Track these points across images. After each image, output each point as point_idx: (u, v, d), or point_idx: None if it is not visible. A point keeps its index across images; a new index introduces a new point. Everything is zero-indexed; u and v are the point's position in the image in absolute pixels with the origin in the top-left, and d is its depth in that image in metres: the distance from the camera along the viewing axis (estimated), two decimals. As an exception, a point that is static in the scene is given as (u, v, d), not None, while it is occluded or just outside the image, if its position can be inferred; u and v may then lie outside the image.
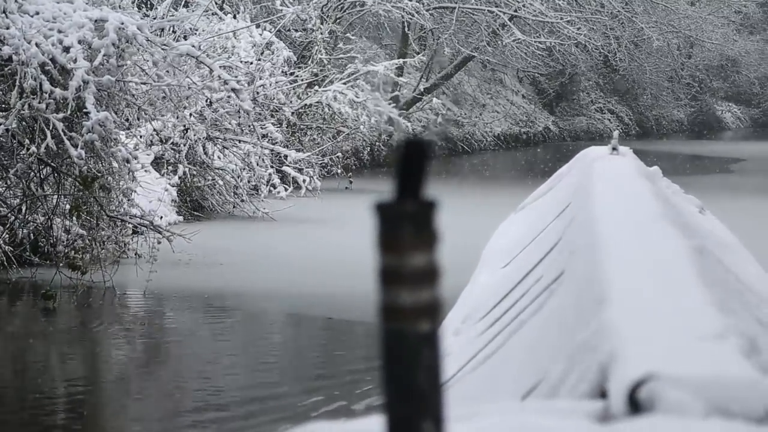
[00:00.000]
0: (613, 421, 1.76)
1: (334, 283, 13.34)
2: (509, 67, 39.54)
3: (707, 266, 3.49)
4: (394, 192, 1.32)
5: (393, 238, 1.32)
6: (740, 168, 33.78)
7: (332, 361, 10.37)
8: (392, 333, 1.34)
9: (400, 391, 1.33)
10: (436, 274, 1.34)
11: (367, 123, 23.20)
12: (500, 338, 4.10)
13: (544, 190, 8.59)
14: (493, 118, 39.42)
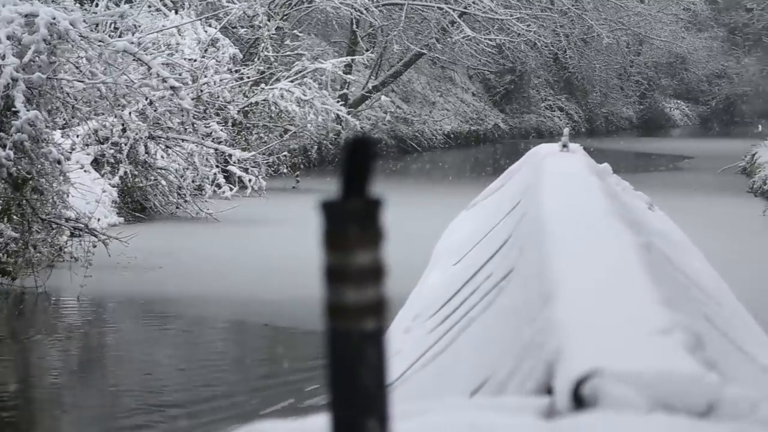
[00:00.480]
0: (558, 417, 1.77)
1: (278, 287, 12.91)
2: (459, 65, 39.45)
3: (655, 262, 3.52)
4: (340, 190, 1.32)
5: (338, 236, 1.32)
6: (688, 165, 33.79)
7: (275, 370, 9.88)
8: (337, 332, 1.33)
9: (345, 390, 1.33)
10: (382, 273, 1.34)
11: (314, 121, 22.97)
12: (450, 335, 4.12)
13: (495, 187, 8.63)
14: (442, 115, 39.38)
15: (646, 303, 2.49)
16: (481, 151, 38.45)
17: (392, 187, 20.87)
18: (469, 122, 41.24)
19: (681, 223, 7.42)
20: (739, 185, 25.94)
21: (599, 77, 49.04)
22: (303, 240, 15.36)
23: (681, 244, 6.37)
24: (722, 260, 7.37)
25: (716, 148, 39.19)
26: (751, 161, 28.72)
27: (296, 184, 23.35)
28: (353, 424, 1.33)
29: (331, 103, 23.04)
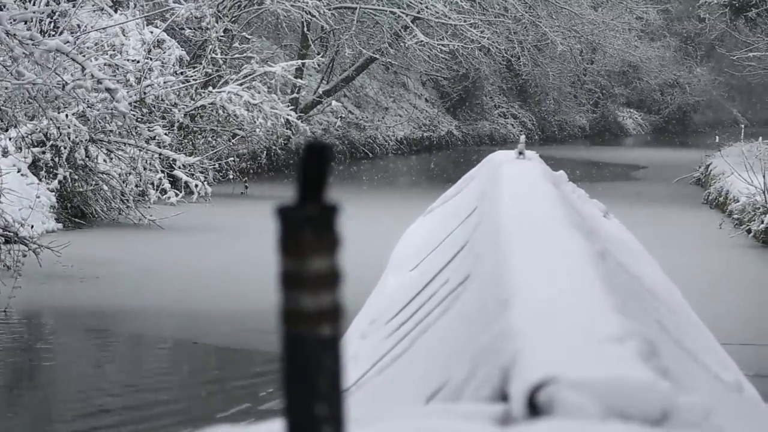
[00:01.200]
0: (513, 424, 1.78)
1: (222, 299, 12.30)
2: (412, 70, 39.15)
3: (609, 270, 3.54)
4: (296, 195, 1.32)
5: (294, 242, 1.32)
6: (643, 175, 33.65)
7: (213, 391, 9.30)
8: (293, 337, 1.33)
9: (301, 395, 1.33)
10: (338, 279, 1.34)
11: (263, 126, 22.46)
12: (406, 341, 4.12)
13: (452, 193, 8.66)
14: (395, 121, 39.07)
15: (600, 310, 2.50)
16: (434, 157, 38.02)
17: (346, 193, 20.59)
18: (422, 128, 41.04)
19: (637, 236, 7.44)
20: (694, 196, 25.74)
21: (553, 85, 48.83)
22: (248, 249, 15.06)
23: (636, 252, 6.41)
24: (682, 276, 7.33)
25: (669, 157, 39.03)
26: (705, 172, 28.61)
27: (244, 190, 22.87)
28: (309, 429, 1.32)
29: (281, 108, 22.60)
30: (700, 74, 60.72)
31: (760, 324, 12.25)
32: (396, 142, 38.16)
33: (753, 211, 19.01)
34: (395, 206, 20.35)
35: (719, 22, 40.52)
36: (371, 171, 32.10)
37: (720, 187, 24.20)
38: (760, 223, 18.26)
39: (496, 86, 47.58)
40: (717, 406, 2.26)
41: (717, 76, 61.10)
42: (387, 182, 29.25)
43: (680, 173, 29.51)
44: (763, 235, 18.18)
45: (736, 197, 20.87)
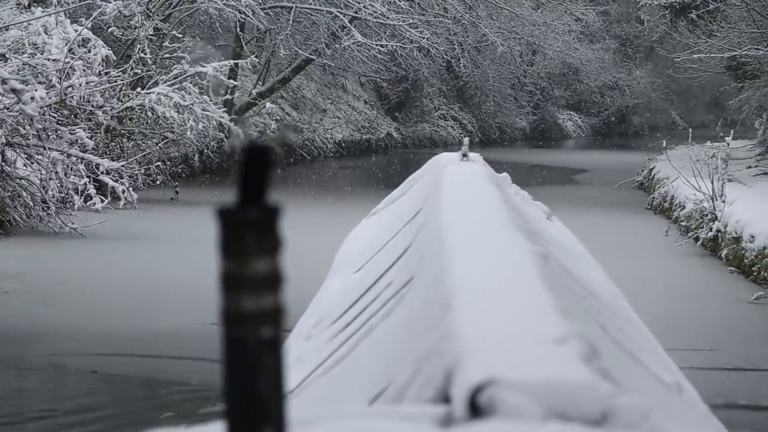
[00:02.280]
0: (455, 426, 1.78)
1: (144, 317, 11.28)
2: (350, 71, 38.39)
3: (552, 272, 3.57)
4: (237, 197, 1.31)
5: (236, 243, 1.31)
6: (585, 179, 33.13)
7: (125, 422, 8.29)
8: (234, 339, 1.33)
9: (242, 397, 1.33)
10: (280, 280, 1.34)
11: (194, 128, 21.55)
12: (350, 343, 4.12)
13: (396, 195, 8.67)
14: (334, 123, 38.51)
15: (542, 312, 2.52)
16: (373, 160, 37.34)
17: (285, 196, 20.16)
18: (361, 131, 40.49)
19: (578, 235, 7.44)
20: (638, 201, 25.35)
21: (493, 87, 48.61)
22: (176, 259, 14.48)
23: (578, 254, 6.46)
24: (629, 286, 7.16)
25: (610, 160, 38.77)
26: (648, 176, 28.32)
27: (175, 196, 21.99)
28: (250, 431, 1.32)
29: (213, 110, 21.75)
30: (639, 76, 61.04)
31: (712, 335, 11.73)
32: (334, 145, 37.56)
33: (701, 218, 18.47)
34: (336, 209, 20.04)
35: (660, 23, 40.77)
36: (310, 174, 31.48)
37: (664, 192, 23.70)
38: (709, 231, 17.67)
39: (436, 88, 47.21)
40: (656, 406, 2.28)
41: (656, 78, 61.52)
42: (326, 185, 28.62)
43: (622, 177, 29.21)
44: (711, 243, 17.61)
45: (682, 203, 20.33)
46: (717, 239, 17.28)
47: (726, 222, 16.95)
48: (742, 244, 15.66)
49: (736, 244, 15.95)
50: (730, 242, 16.30)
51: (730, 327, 12.16)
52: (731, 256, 16.08)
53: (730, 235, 16.40)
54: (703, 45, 27.57)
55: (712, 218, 17.79)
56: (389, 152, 41.02)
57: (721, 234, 17.10)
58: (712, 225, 17.56)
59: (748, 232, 15.49)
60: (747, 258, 15.24)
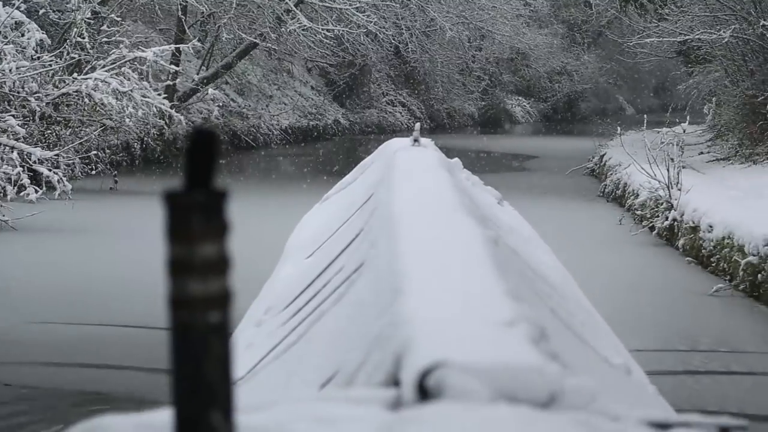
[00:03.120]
0: (403, 408, 1.79)
1: (73, 319, 10.28)
2: (296, 57, 37.59)
3: (502, 256, 3.59)
4: (184, 181, 1.31)
5: (182, 228, 1.31)
6: (535, 166, 32.41)
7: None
8: (181, 324, 1.32)
9: (189, 383, 1.32)
10: (227, 265, 1.33)
11: (133, 115, 20.71)
12: (301, 329, 4.12)
13: (348, 181, 8.68)
14: (280, 110, 37.59)
15: (492, 295, 2.53)
16: (321, 147, 36.34)
17: (233, 184, 19.64)
18: (308, 117, 39.58)
19: (530, 221, 7.34)
20: (590, 188, 24.87)
21: (441, 72, 47.95)
22: (111, 254, 13.82)
23: (529, 238, 6.50)
24: (584, 277, 6.81)
25: (560, 146, 38.25)
26: (599, 163, 27.81)
27: (114, 185, 21.05)
28: (197, 417, 1.32)
29: (153, 96, 20.91)
30: (588, 62, 60.92)
31: (672, 331, 11.14)
32: (281, 132, 36.61)
33: (656, 206, 17.80)
34: (284, 197, 19.47)
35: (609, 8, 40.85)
36: (256, 161, 30.61)
37: (617, 180, 23.08)
38: (665, 220, 17.01)
39: (384, 73, 46.29)
40: (604, 388, 2.30)
41: (604, 63, 61.61)
42: (274, 173, 27.75)
43: (573, 163, 28.63)
44: (667, 232, 16.96)
45: (636, 191, 19.73)
46: (673, 228, 16.75)
47: (682, 211, 16.41)
48: (699, 233, 15.11)
49: (694, 234, 15.42)
50: (687, 232, 15.78)
51: (690, 322, 11.64)
52: (688, 246, 15.53)
53: (687, 225, 15.88)
54: (653, 29, 27.56)
55: (667, 207, 17.22)
56: (337, 139, 40.19)
57: (677, 223, 16.57)
58: (668, 214, 17.00)
59: (706, 221, 14.94)
60: (705, 248, 14.69)
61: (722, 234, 14.19)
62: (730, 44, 23.41)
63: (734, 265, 13.28)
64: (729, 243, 13.81)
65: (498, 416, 1.63)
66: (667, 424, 1.91)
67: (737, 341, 10.91)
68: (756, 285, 12.67)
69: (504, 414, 1.64)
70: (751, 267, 12.79)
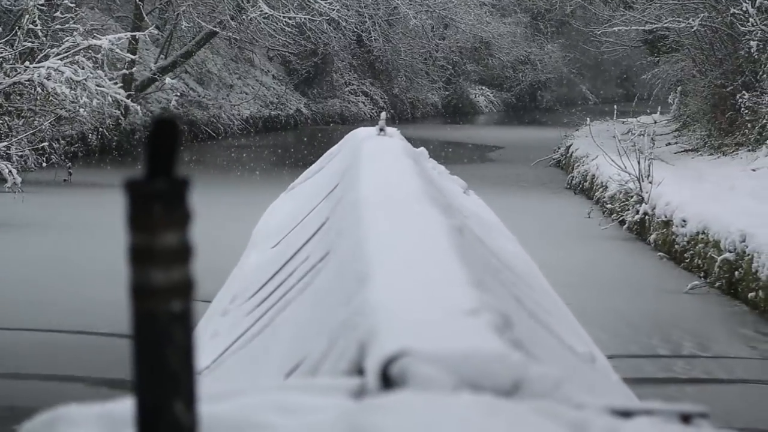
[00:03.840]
0: (367, 397, 1.79)
1: (13, 323, 9.78)
2: (257, 45, 36.65)
3: (467, 245, 3.60)
4: (145, 170, 1.30)
5: (144, 216, 1.30)
6: (500, 156, 31.70)
7: None
8: (143, 313, 1.32)
9: (152, 372, 1.32)
10: (189, 253, 1.33)
11: (88, 105, 19.84)
12: (266, 318, 4.12)
13: (314, 170, 8.67)
14: (241, 99, 36.70)
15: (456, 284, 2.54)
16: (283, 137, 35.58)
17: (195, 174, 19.00)
18: (270, 107, 38.67)
19: (496, 211, 7.24)
20: (556, 180, 24.23)
21: (404, 61, 47.14)
22: (61, 250, 13.24)
23: (494, 228, 6.52)
24: (553, 274, 6.54)
25: (525, 137, 37.71)
26: (565, 154, 27.31)
27: (68, 177, 20.27)
28: (159, 406, 1.31)
29: (108, 85, 20.18)
30: (551, 51, 60.71)
31: (644, 331, 10.62)
32: (242, 121, 35.72)
33: (626, 199, 17.09)
34: (248, 187, 19.29)
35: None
36: (217, 152, 29.75)
37: (584, 171, 22.44)
38: (635, 214, 16.35)
39: (347, 63, 45.32)
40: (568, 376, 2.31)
41: (567, 53, 61.47)
42: (236, 163, 26.87)
43: (538, 154, 28.07)
44: (637, 226, 16.32)
45: (605, 183, 19.14)
46: (644, 223, 16.16)
47: (654, 204, 15.85)
48: (672, 228, 14.50)
49: (666, 229, 14.82)
50: (659, 226, 15.18)
51: (668, 323, 11.03)
52: (660, 242, 14.95)
53: (659, 219, 15.28)
54: (620, 18, 27.44)
55: (638, 200, 16.53)
56: (299, 129, 38.72)
57: (648, 217, 15.98)
58: (639, 207, 16.34)
59: (679, 216, 14.34)
60: (678, 244, 14.14)
61: (696, 229, 13.69)
62: (699, 33, 23.14)
63: (709, 262, 12.82)
64: (704, 238, 13.35)
65: (461, 404, 1.63)
66: (630, 412, 1.92)
67: (719, 345, 10.37)
68: (732, 282, 12.21)
69: (467, 402, 1.65)
70: (727, 264, 12.32)
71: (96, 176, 21.01)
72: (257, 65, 40.03)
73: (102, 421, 1.71)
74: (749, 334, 10.69)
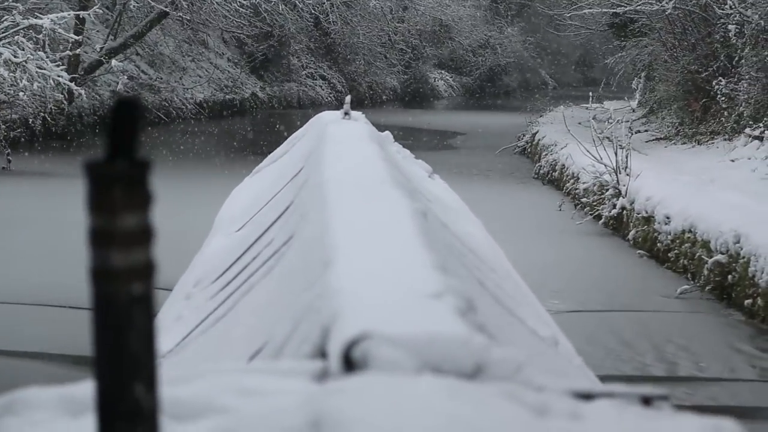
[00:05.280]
0: (329, 380, 1.79)
1: None
2: (211, 27, 35.23)
3: (431, 229, 3.60)
4: (106, 152, 1.29)
5: (104, 198, 1.29)
6: (463, 144, 30.43)
7: None
8: (104, 295, 1.31)
9: (112, 354, 1.31)
10: (150, 236, 1.32)
11: (28, 89, 19.02)
12: (230, 302, 4.11)
13: (279, 153, 8.66)
14: (194, 82, 35.36)
15: (419, 268, 2.54)
16: (238, 122, 34.29)
17: (152, 159, 18.50)
18: (224, 90, 37.48)
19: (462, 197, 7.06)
20: (522, 169, 23.28)
21: (363, 44, 45.98)
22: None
23: (459, 212, 6.53)
24: (528, 274, 6.10)
25: (487, 122, 36.41)
26: (531, 141, 26.20)
27: (7, 165, 19.17)
28: (120, 389, 1.31)
29: (50, 68, 19.25)
30: (511, 34, 60.27)
31: (649, 349, 9.42)
32: (195, 105, 34.25)
33: (601, 192, 16.10)
34: (205, 173, 18.77)
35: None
36: (170, 137, 28.24)
37: (553, 161, 21.30)
38: (612, 208, 15.35)
39: (304, 45, 44.06)
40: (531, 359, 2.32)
41: (527, 36, 61.12)
42: (192, 149, 25.64)
43: (502, 141, 27.08)
44: (614, 222, 15.29)
45: (576, 174, 18.11)
46: (621, 218, 15.13)
47: (632, 198, 14.82)
48: (654, 225, 13.48)
49: (647, 225, 13.81)
50: (639, 222, 14.18)
51: (659, 334, 9.87)
52: (640, 239, 13.95)
53: (639, 214, 14.25)
54: (587, 0, 27.06)
55: (615, 193, 15.50)
56: (255, 113, 37.54)
57: (627, 212, 14.96)
58: (616, 201, 15.31)
59: (662, 212, 13.31)
60: (661, 242, 13.12)
61: (682, 227, 12.62)
62: (671, 16, 22.09)
63: (698, 263, 11.76)
64: (690, 237, 12.29)
65: (423, 387, 1.64)
66: (591, 395, 1.93)
67: (722, 364, 9.13)
68: (725, 287, 11.08)
69: (429, 385, 1.65)
70: (719, 266, 11.22)
71: (39, 163, 19.88)
72: (211, 47, 38.90)
73: (63, 404, 1.70)
74: (751, 351, 9.52)
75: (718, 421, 1.74)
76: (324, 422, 1.50)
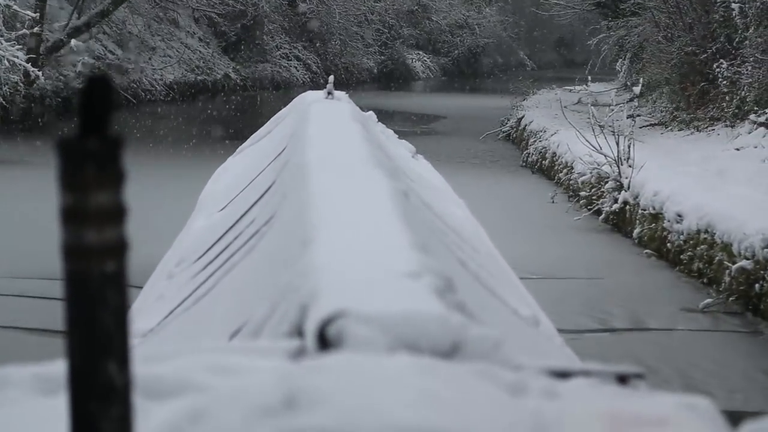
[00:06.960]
0: (305, 358, 1.80)
1: None
2: (182, 5, 34.62)
3: (412, 208, 3.60)
4: (78, 129, 1.29)
5: (76, 175, 1.29)
6: (444, 128, 29.39)
7: None
8: (76, 274, 1.31)
9: (85, 333, 1.31)
10: (123, 213, 1.32)
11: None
12: (212, 281, 4.10)
13: (262, 133, 8.65)
14: (164, 63, 34.35)
15: (399, 247, 2.54)
16: (210, 104, 32.99)
17: (131, 144, 17.89)
18: (196, 71, 36.44)
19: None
20: (509, 156, 22.20)
21: (339, 24, 45.17)
22: None
23: (442, 192, 6.54)
24: (532, 284, 5.81)
25: (468, 105, 35.39)
26: (517, 127, 24.87)
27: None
28: (92, 368, 1.30)
29: (5, 48, 18.64)
30: (490, 14, 59.55)
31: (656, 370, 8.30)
32: (165, 87, 33.30)
33: (599, 184, 15.03)
34: (181, 156, 18.52)
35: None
36: (139, 119, 27.38)
37: (542, 148, 20.20)
38: (613, 203, 14.27)
39: (278, 25, 43.03)
40: (510, 338, 2.33)
41: (506, 16, 60.60)
42: (161, 132, 24.82)
43: (485, 125, 26.00)
44: (614, 217, 14.25)
45: (570, 163, 17.12)
46: (624, 213, 14.06)
47: (636, 193, 13.74)
48: (663, 223, 12.41)
49: (655, 223, 12.75)
50: (645, 220, 13.11)
51: (686, 360, 8.70)
52: (647, 238, 12.92)
53: (645, 211, 13.17)
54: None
55: (616, 187, 14.43)
56: (227, 94, 36.33)
57: (630, 207, 13.87)
58: (618, 195, 14.22)
59: (673, 209, 12.21)
60: (672, 242, 12.07)
61: (697, 227, 11.52)
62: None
63: (717, 268, 10.71)
64: (707, 239, 11.22)
65: (397, 365, 1.64)
66: (567, 373, 1.94)
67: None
68: (751, 297, 9.92)
69: (403, 363, 1.66)
70: (744, 274, 10.04)
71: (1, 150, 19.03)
72: (182, 27, 37.68)
73: (38, 382, 1.70)
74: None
75: (693, 399, 1.75)
76: (298, 400, 1.51)
